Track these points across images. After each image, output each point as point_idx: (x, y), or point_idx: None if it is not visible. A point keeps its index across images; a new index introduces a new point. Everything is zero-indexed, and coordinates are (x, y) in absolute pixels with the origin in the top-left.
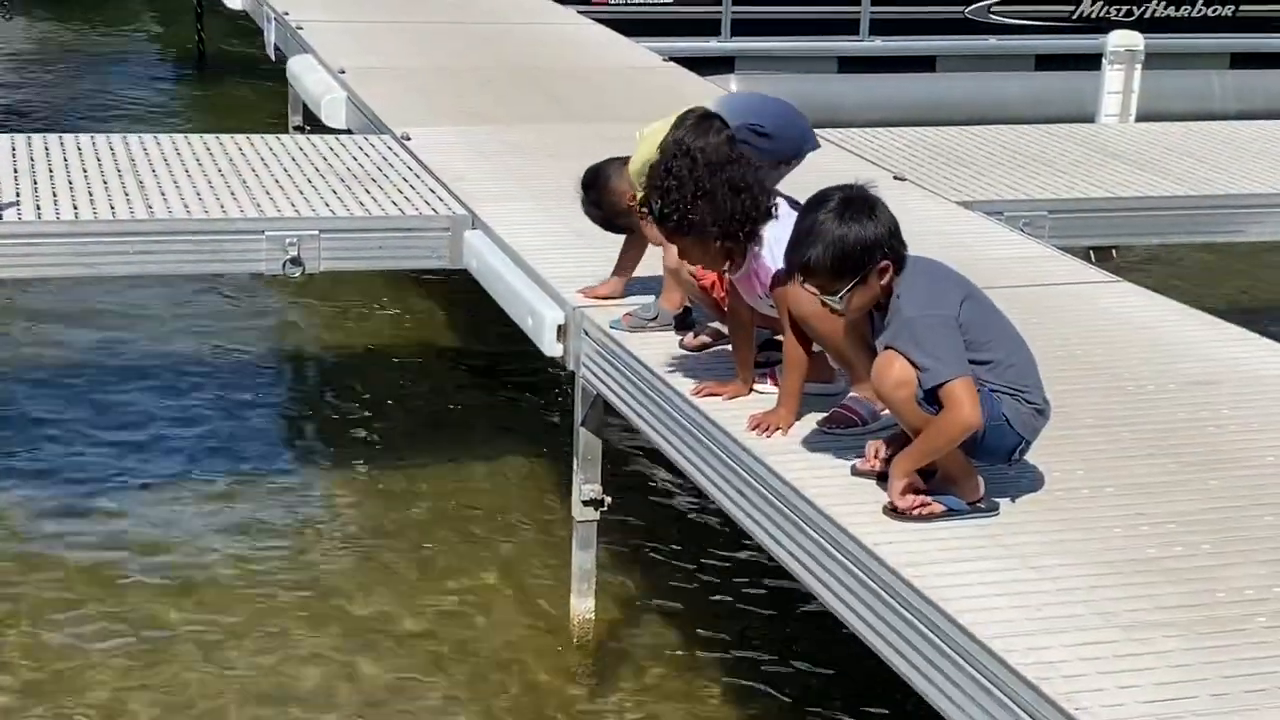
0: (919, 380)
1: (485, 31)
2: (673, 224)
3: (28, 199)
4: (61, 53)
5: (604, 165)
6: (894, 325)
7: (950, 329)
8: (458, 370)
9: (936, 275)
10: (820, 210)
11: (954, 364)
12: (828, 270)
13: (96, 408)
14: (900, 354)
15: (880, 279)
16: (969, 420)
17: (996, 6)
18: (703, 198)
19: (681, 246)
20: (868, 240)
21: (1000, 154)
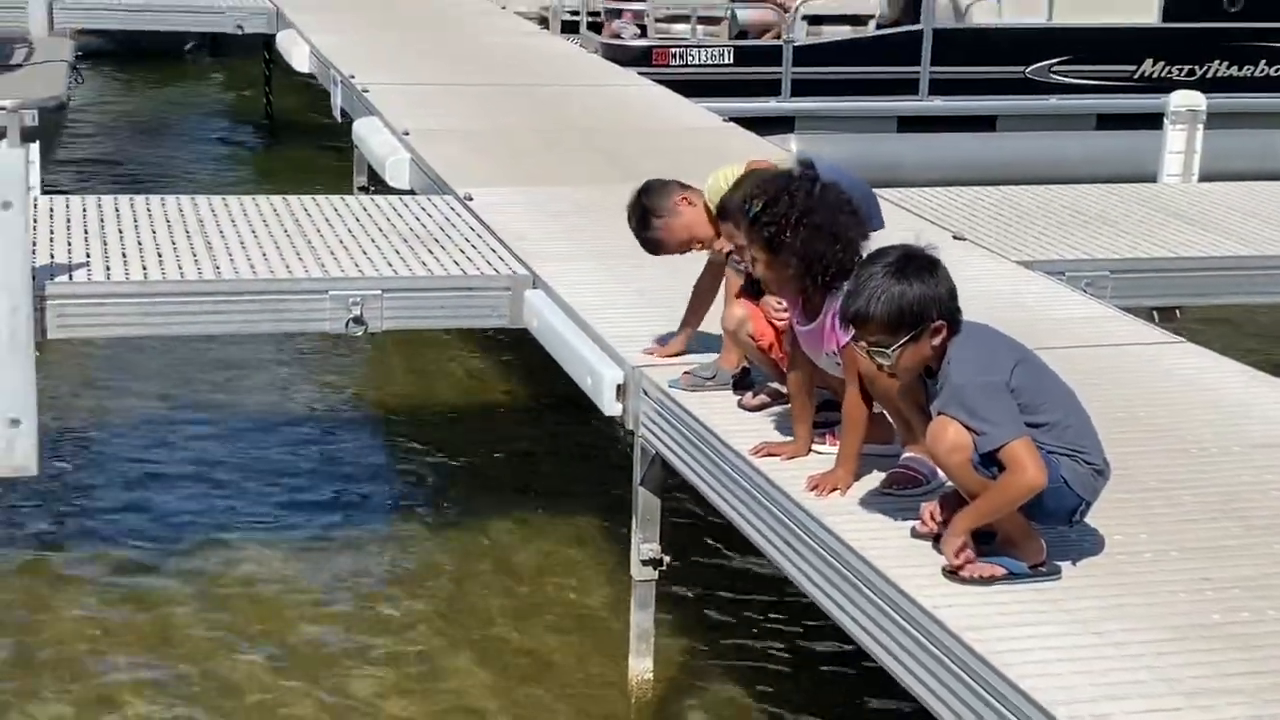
0: (975, 444)
1: (547, 93)
2: (766, 233)
3: (98, 260)
4: (133, 115)
5: (667, 181)
6: (945, 391)
7: (1001, 393)
8: (517, 429)
9: (987, 341)
10: (879, 264)
11: (1010, 426)
12: (882, 324)
13: (169, 463)
14: (954, 419)
15: (933, 339)
16: (1033, 481)
17: (1057, 66)
18: (805, 226)
19: (759, 261)
20: (924, 298)
21: (1061, 214)
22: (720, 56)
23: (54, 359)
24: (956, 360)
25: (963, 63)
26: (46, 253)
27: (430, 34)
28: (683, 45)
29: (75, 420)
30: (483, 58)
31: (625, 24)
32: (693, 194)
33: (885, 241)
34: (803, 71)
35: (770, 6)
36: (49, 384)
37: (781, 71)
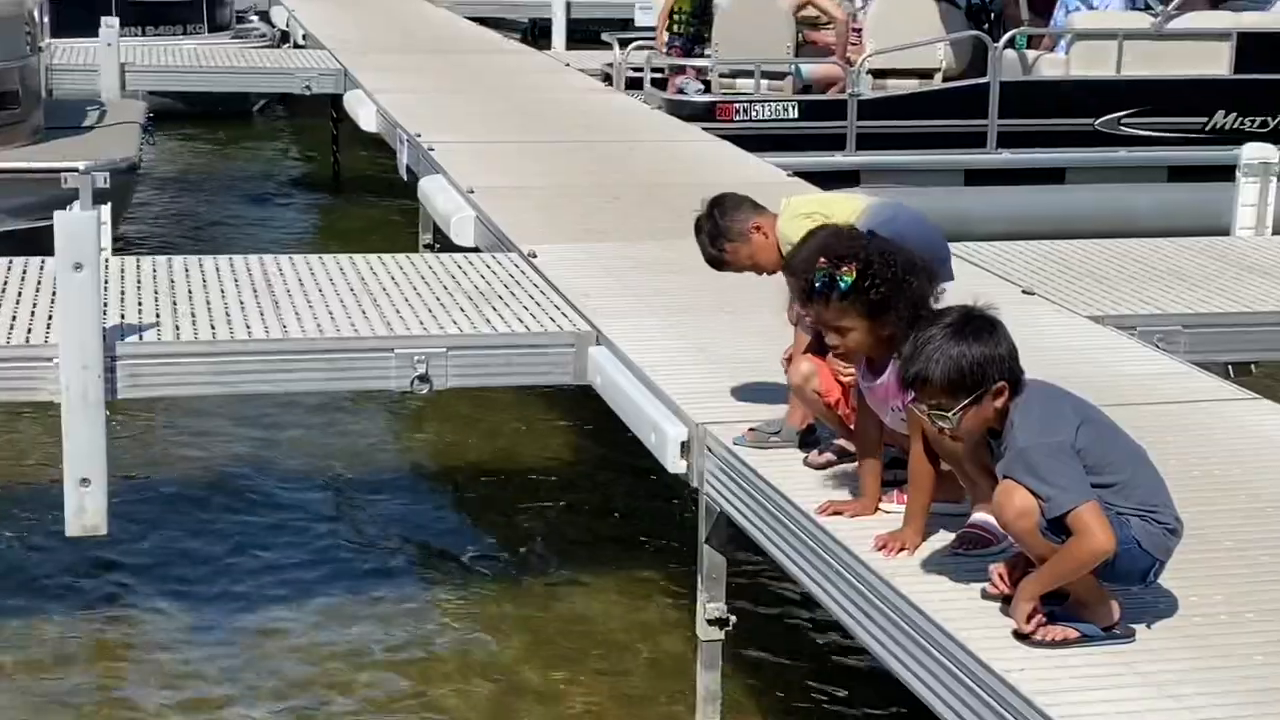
0: (1042, 510)
1: (611, 150)
2: (874, 296)
3: (167, 319)
4: (203, 175)
5: (741, 200)
6: (1009, 455)
7: (1066, 455)
8: (580, 486)
9: (1051, 401)
10: (939, 326)
11: (1077, 490)
12: (942, 387)
13: (236, 522)
14: (1019, 484)
15: (995, 400)
16: (1101, 546)
17: (1127, 118)
18: (899, 286)
19: (853, 330)
20: (984, 359)
21: (1132, 267)
22: (785, 111)
23: (121, 417)
24: (1020, 422)
25: (1031, 115)
26: (117, 313)
27: (495, 92)
28: (747, 100)
29: (143, 479)
30: (547, 115)
31: (689, 80)
32: (766, 220)
33: (951, 297)
34: (868, 125)
35: (835, 61)
36: (117, 443)
37: (846, 125)
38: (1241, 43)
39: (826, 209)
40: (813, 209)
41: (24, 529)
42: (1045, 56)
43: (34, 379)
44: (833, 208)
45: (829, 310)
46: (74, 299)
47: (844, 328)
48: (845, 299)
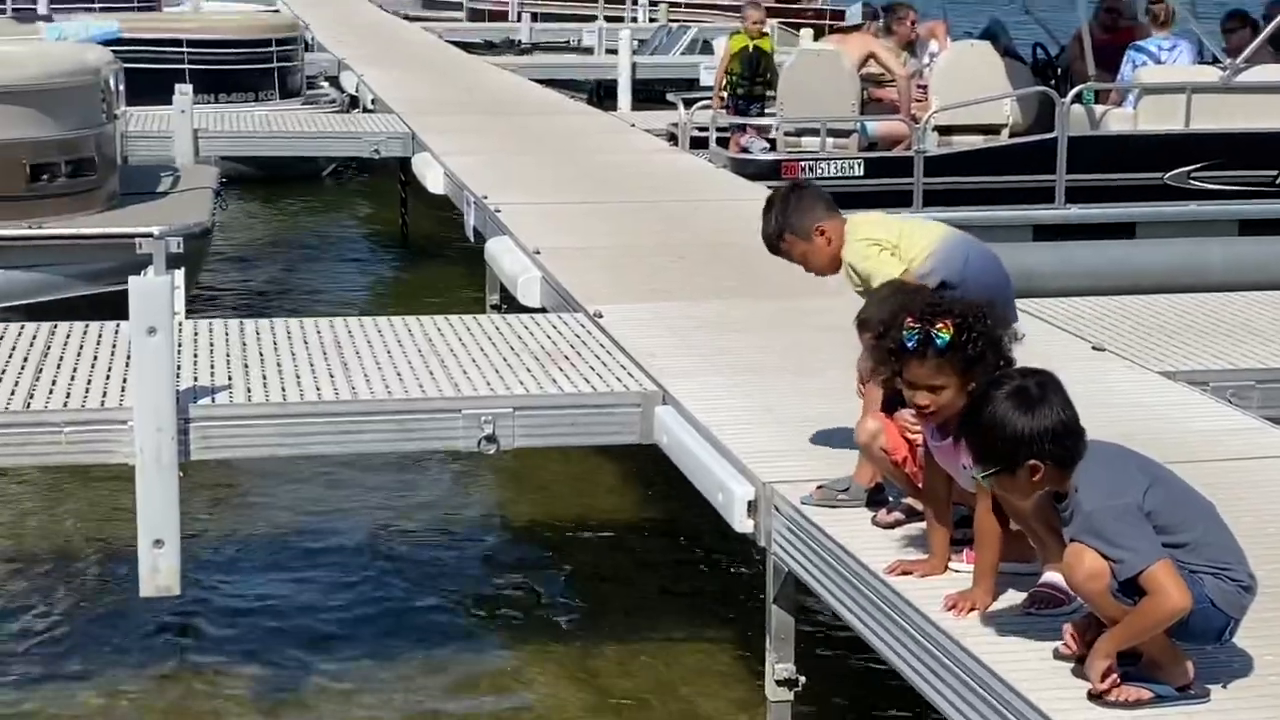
0: (1113, 571)
1: (676, 210)
2: (971, 351)
3: (239, 382)
4: (274, 239)
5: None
6: (1076, 519)
7: (1134, 516)
8: (647, 545)
9: (1116, 462)
10: (993, 388)
11: (1147, 550)
12: (976, 452)
13: (303, 582)
14: (1088, 547)
15: (1031, 477)
16: (1177, 604)
17: (1196, 172)
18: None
19: (946, 388)
20: (1020, 436)
21: (1203, 322)
22: (850, 168)
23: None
24: (1085, 485)
25: (1099, 170)
26: (190, 376)
27: (561, 154)
28: (812, 158)
29: (216, 539)
30: (612, 175)
31: (753, 138)
32: (832, 226)
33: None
34: (934, 181)
35: (900, 118)
36: (189, 503)
37: (913, 182)
38: None
39: (895, 237)
40: (880, 235)
41: (98, 590)
42: (1113, 111)
43: (109, 441)
44: (902, 237)
45: (923, 368)
46: (148, 363)
47: (937, 386)
48: (943, 355)
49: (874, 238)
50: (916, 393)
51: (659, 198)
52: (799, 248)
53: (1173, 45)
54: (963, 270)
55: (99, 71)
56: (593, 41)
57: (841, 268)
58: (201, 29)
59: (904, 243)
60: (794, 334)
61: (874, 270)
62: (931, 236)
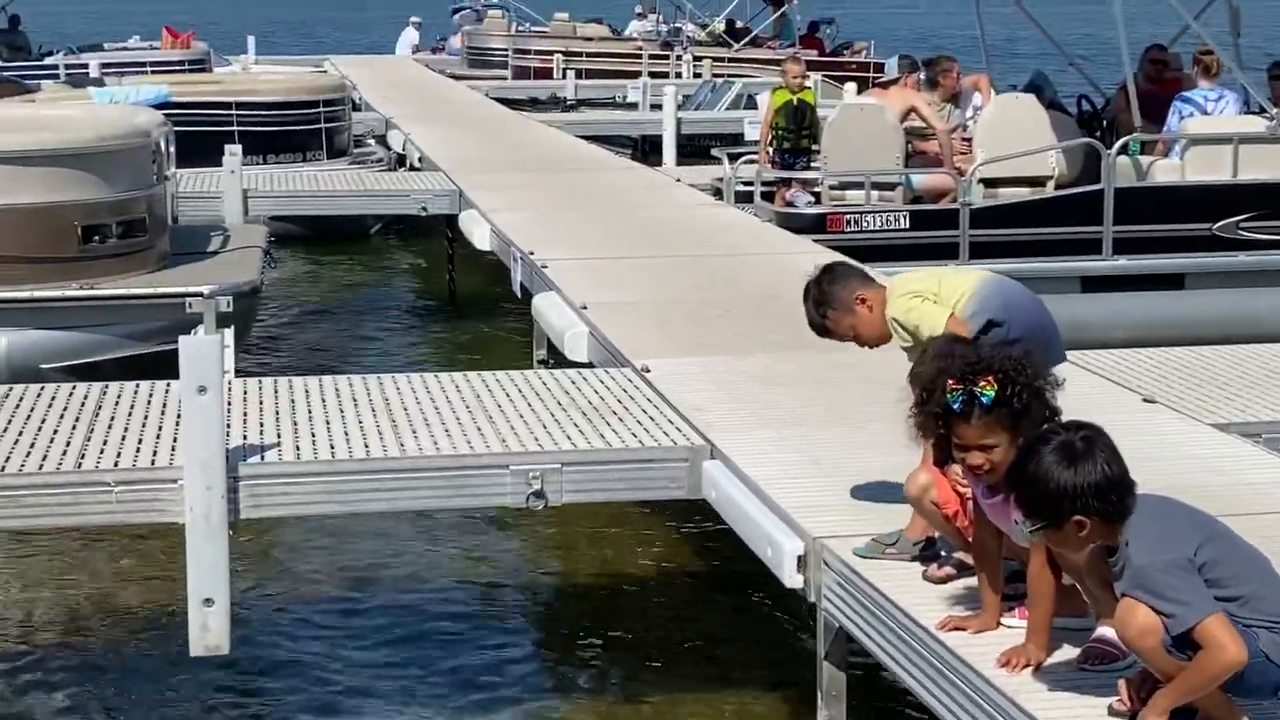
0: (1166, 627)
1: (722, 264)
2: (1017, 405)
3: (288, 439)
4: (322, 296)
5: (851, 272)
6: (1127, 573)
7: (1185, 570)
8: (697, 601)
9: (1167, 516)
10: (1039, 442)
11: (1200, 604)
12: (1021, 506)
13: (350, 640)
14: (1141, 602)
15: (1078, 532)
16: (1233, 658)
17: (1245, 222)
18: (1037, 389)
19: (997, 446)
20: (1061, 491)
21: (1256, 374)
22: (895, 221)
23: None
24: (1136, 539)
25: (1147, 221)
26: (239, 434)
27: (607, 210)
28: (857, 211)
29: (265, 598)
30: (658, 230)
31: (798, 192)
32: (872, 294)
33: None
34: (980, 234)
35: (945, 171)
36: (239, 561)
37: (959, 234)
38: None
39: (934, 286)
40: (919, 287)
41: (148, 649)
42: (1159, 162)
43: (159, 500)
44: (941, 285)
45: (971, 429)
46: (198, 422)
47: (988, 444)
48: (989, 414)
49: (914, 290)
50: (969, 453)
51: (705, 252)
52: (845, 322)
53: (1219, 96)
54: (1004, 307)
55: (149, 134)
56: (637, 97)
57: (889, 330)
58: (250, 91)
59: (944, 289)
60: (841, 387)
61: (920, 320)
62: (969, 280)
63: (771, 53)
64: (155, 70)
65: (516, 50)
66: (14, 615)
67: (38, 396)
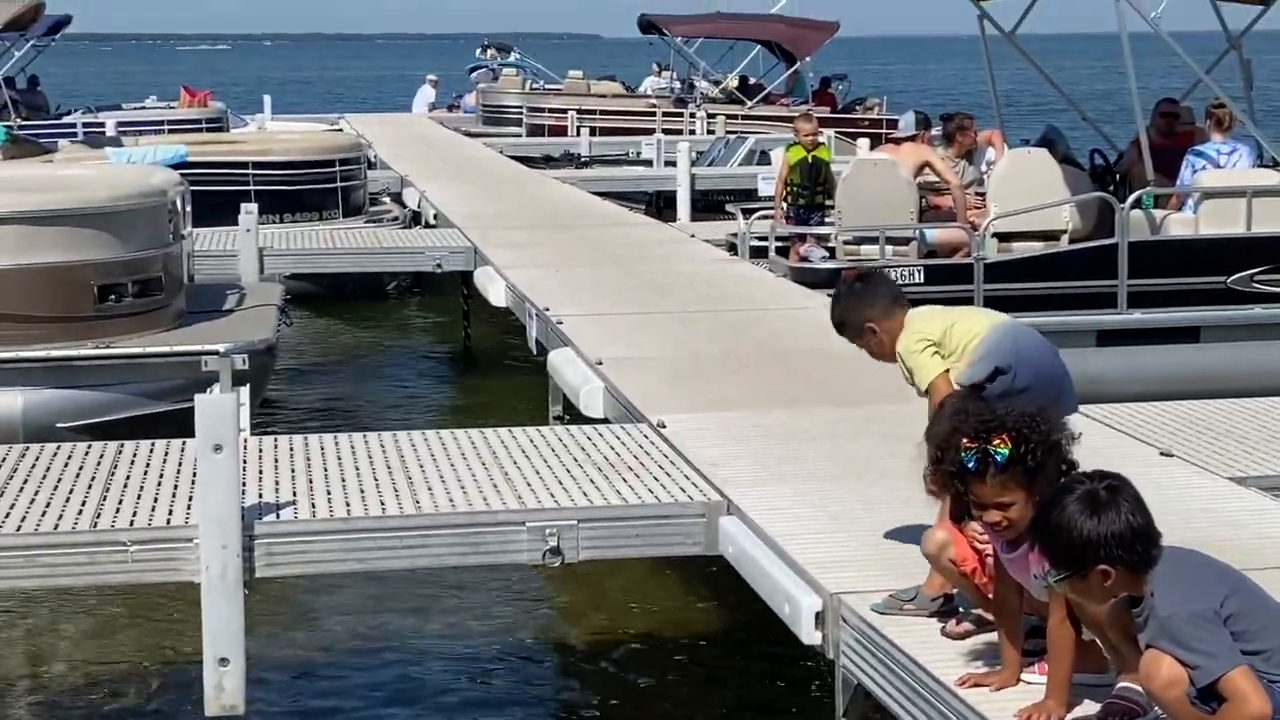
0: (1191, 679)
1: (738, 319)
2: (1030, 463)
3: (304, 498)
4: (338, 354)
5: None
6: (1152, 624)
7: (1211, 622)
8: (714, 658)
9: (1192, 568)
10: (1064, 493)
11: (1226, 656)
12: (1046, 555)
13: (364, 701)
14: (1165, 653)
15: (1103, 581)
16: (1258, 711)
17: (1260, 275)
18: (1051, 444)
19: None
20: (1090, 541)
21: (1273, 427)
22: (910, 275)
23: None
24: (1161, 590)
25: (1161, 275)
26: (255, 492)
27: (622, 266)
28: (871, 266)
29: (281, 657)
30: (673, 286)
31: (813, 247)
32: (887, 325)
33: (1089, 461)
34: (995, 288)
35: (959, 225)
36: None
37: (974, 289)
38: None
39: (946, 326)
40: (928, 331)
41: (163, 709)
42: (1173, 216)
43: (175, 559)
44: (954, 327)
45: (987, 487)
46: (213, 480)
47: (1005, 502)
48: (1004, 472)
49: (922, 333)
50: (986, 511)
51: (720, 307)
52: (857, 340)
53: (1232, 149)
54: (1013, 354)
55: (166, 193)
56: (651, 154)
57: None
58: (266, 151)
59: (955, 331)
60: (858, 442)
61: (915, 367)
62: (981, 324)
63: (785, 109)
64: (172, 129)
65: (531, 108)
66: (30, 674)
67: (54, 456)
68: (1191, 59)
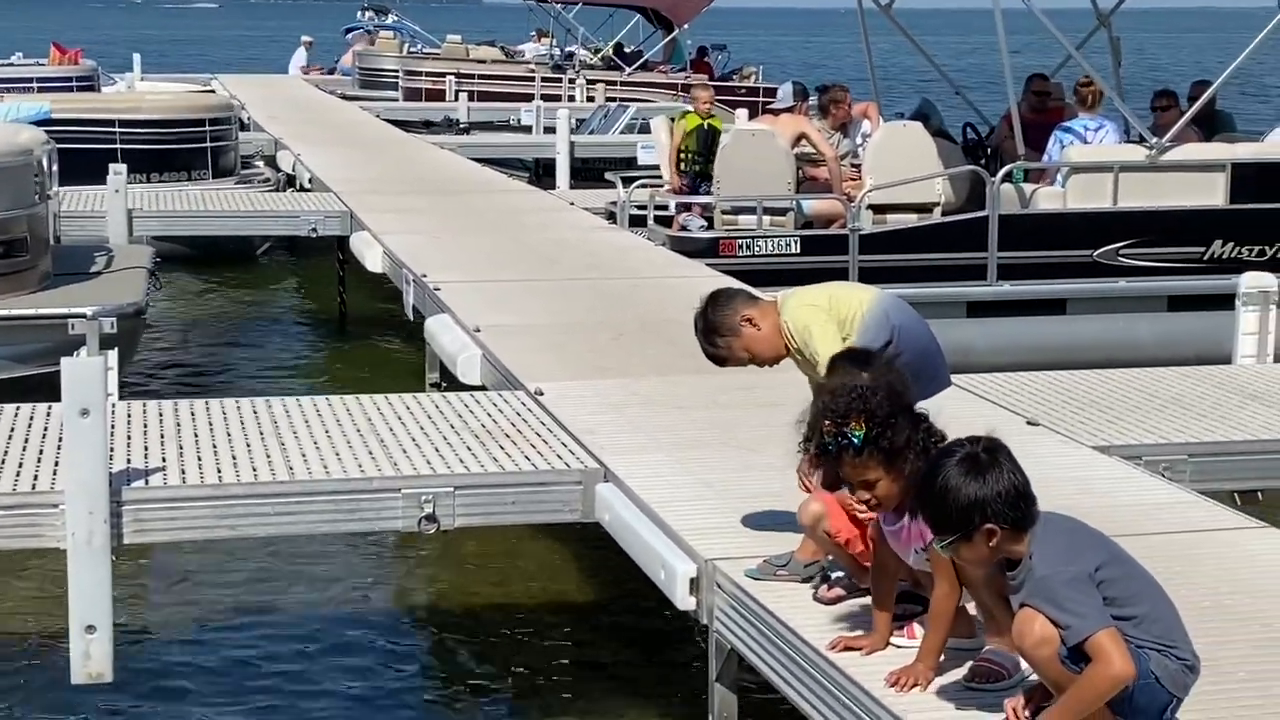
0: (1062, 638)
1: (615, 287)
2: (884, 445)
3: (173, 463)
4: (209, 318)
5: (735, 294)
6: (1028, 583)
7: (1085, 584)
8: (589, 624)
9: (1070, 532)
10: (944, 457)
11: (1095, 617)
12: (931, 522)
13: (237, 668)
14: (1039, 612)
15: (988, 541)
16: (1119, 672)
17: (1125, 249)
18: (907, 423)
19: (879, 481)
20: (974, 502)
21: (1136, 397)
22: (786, 246)
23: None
24: (1039, 552)
25: (1030, 248)
26: (123, 458)
27: (500, 232)
28: (749, 236)
29: (148, 624)
30: (552, 254)
31: (692, 216)
32: (758, 312)
33: (956, 429)
34: (869, 259)
35: (835, 196)
36: (122, 587)
37: (848, 259)
38: (1236, 173)
39: (828, 300)
40: (816, 302)
41: (28, 678)
42: (1042, 190)
43: (40, 525)
44: (832, 301)
45: (848, 468)
46: (80, 445)
47: (869, 480)
48: (861, 454)
49: (810, 302)
50: (857, 489)
51: (598, 275)
52: (737, 346)
53: (1099, 125)
54: (897, 328)
55: (31, 152)
56: (531, 121)
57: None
58: (133, 109)
59: (836, 303)
60: (735, 410)
61: (811, 338)
62: (863, 300)
63: (663, 76)
64: (42, 87)
65: (408, 71)
66: None
67: None
68: (1062, 35)
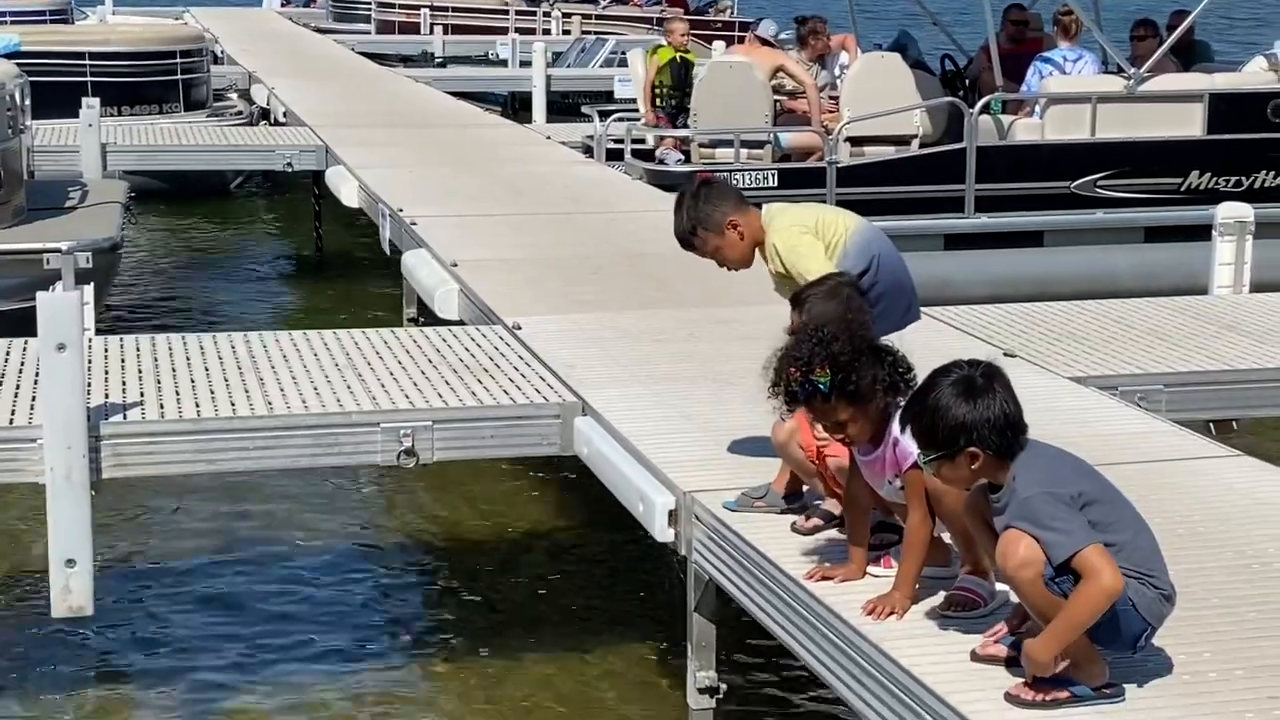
0: (1047, 555)
1: (593, 221)
2: (850, 388)
3: (151, 399)
4: (184, 253)
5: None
6: (1012, 505)
7: (1069, 505)
8: (569, 556)
9: (1054, 458)
10: (940, 375)
11: (1081, 534)
12: (917, 437)
13: (218, 603)
14: (1023, 533)
15: (970, 464)
16: (1110, 585)
17: (1103, 180)
18: (870, 363)
19: (850, 423)
20: (963, 423)
21: (1112, 328)
22: (764, 179)
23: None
24: (1022, 475)
25: (1008, 179)
26: (101, 393)
27: (477, 166)
28: (726, 169)
29: (128, 558)
30: (529, 188)
31: (669, 150)
32: (745, 220)
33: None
34: (847, 192)
35: (812, 129)
36: (102, 522)
37: (826, 192)
38: (1213, 104)
39: (815, 221)
40: (804, 222)
41: (8, 611)
42: (1020, 121)
43: (18, 461)
44: (824, 225)
45: (818, 412)
46: (57, 380)
47: (841, 421)
48: (829, 399)
49: (799, 222)
50: (830, 431)
51: (576, 209)
52: (711, 243)
53: (1078, 56)
54: (876, 256)
55: (4, 85)
56: (507, 54)
57: (757, 257)
58: (104, 41)
59: (823, 224)
60: (713, 344)
61: (801, 255)
62: (847, 224)
63: (638, 10)
64: (14, 20)
65: (381, 4)
66: None
67: None
68: None
